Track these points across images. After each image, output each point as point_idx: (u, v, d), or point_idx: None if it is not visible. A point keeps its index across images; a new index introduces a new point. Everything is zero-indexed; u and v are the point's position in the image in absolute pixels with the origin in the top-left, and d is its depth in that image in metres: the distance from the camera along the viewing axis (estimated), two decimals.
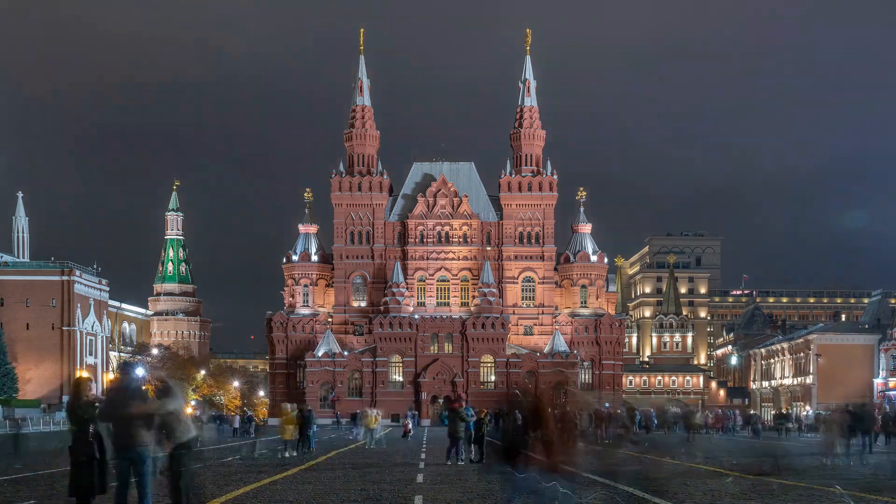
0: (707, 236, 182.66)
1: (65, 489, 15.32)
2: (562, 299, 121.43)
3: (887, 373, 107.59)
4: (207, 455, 33.22)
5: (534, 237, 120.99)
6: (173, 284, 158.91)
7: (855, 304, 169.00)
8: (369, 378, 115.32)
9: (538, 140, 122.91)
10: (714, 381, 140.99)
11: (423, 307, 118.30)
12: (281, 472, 24.99)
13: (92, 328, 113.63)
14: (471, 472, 24.51)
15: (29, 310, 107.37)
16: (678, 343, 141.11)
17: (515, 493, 12.64)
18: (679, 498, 17.69)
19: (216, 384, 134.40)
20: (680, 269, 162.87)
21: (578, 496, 14.47)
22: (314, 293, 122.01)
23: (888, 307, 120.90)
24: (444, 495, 18.33)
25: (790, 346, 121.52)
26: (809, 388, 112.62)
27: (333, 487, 20.37)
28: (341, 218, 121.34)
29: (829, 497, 18.05)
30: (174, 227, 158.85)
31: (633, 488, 18.93)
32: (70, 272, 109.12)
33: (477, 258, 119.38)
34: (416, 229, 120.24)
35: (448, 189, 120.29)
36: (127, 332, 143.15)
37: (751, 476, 23.10)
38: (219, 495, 18.68)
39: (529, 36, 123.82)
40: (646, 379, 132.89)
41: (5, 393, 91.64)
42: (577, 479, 14.07)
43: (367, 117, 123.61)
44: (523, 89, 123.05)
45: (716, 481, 21.78)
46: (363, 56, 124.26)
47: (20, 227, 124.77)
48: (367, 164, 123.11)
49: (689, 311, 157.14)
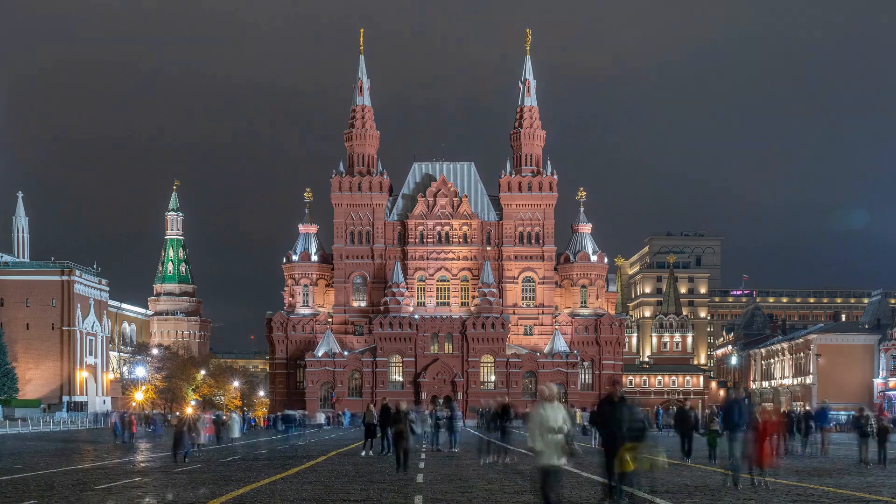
0: (707, 236, 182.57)
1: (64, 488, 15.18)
2: (562, 299, 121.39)
3: (887, 373, 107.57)
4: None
5: (534, 237, 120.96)
6: (173, 284, 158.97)
7: (855, 304, 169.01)
8: (369, 378, 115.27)
9: (538, 140, 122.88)
10: (714, 381, 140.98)
11: (423, 307, 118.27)
12: (281, 472, 24.99)
13: (92, 328, 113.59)
14: (471, 472, 24.50)
15: (29, 310, 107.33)
16: (678, 343, 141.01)
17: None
18: (679, 497, 17.69)
19: (216, 384, 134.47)
20: (680, 269, 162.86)
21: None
22: (314, 293, 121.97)
23: (888, 307, 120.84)
24: (445, 495, 18.32)
25: (790, 346, 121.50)
26: (809, 388, 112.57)
27: (334, 487, 20.36)
28: (341, 218, 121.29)
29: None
30: (174, 227, 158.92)
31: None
32: (70, 272, 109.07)
33: (477, 258, 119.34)
34: (416, 229, 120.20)
35: (448, 189, 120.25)
36: (127, 332, 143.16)
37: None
38: (219, 495, 18.67)
39: (529, 36, 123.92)
40: (646, 379, 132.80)
41: (5, 393, 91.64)
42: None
43: (367, 117, 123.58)
44: (523, 89, 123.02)
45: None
46: (363, 56, 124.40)
47: (20, 227, 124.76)
48: (367, 164, 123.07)
49: (689, 311, 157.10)
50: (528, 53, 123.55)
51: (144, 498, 18.52)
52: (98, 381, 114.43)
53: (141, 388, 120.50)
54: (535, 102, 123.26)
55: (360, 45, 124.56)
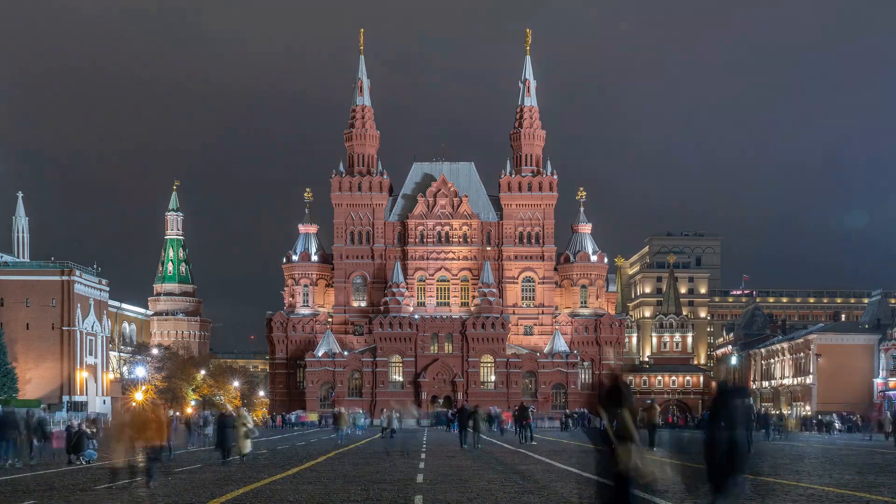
0: (707, 236, 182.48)
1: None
2: (562, 299, 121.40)
3: (887, 373, 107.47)
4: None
5: (534, 237, 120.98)
6: (173, 284, 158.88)
7: (855, 304, 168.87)
8: (369, 378, 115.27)
9: (538, 140, 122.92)
10: (714, 382, 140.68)
11: (423, 307, 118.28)
12: (281, 472, 24.99)
13: (92, 328, 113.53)
14: (471, 472, 24.52)
15: (29, 310, 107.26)
16: (678, 343, 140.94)
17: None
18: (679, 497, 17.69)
19: (216, 384, 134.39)
20: (680, 269, 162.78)
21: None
22: (314, 293, 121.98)
23: (888, 307, 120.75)
24: (445, 495, 18.32)
25: (790, 346, 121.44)
26: (809, 388, 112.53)
27: (334, 487, 20.36)
28: (341, 218, 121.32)
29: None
30: (174, 227, 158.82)
31: None
32: (70, 272, 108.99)
33: (477, 258, 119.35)
34: (416, 229, 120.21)
35: (448, 189, 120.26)
36: (127, 332, 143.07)
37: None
38: (219, 495, 18.67)
39: (529, 36, 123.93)
40: (646, 379, 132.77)
41: (5, 393, 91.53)
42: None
43: (367, 117, 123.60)
44: (523, 89, 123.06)
45: None
46: (363, 56, 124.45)
47: (20, 227, 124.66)
48: (367, 164, 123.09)
49: (689, 311, 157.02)
50: (528, 53, 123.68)
51: (144, 498, 18.52)
52: (98, 381, 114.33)
53: (141, 388, 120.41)
54: (535, 102, 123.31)
55: (360, 45, 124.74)
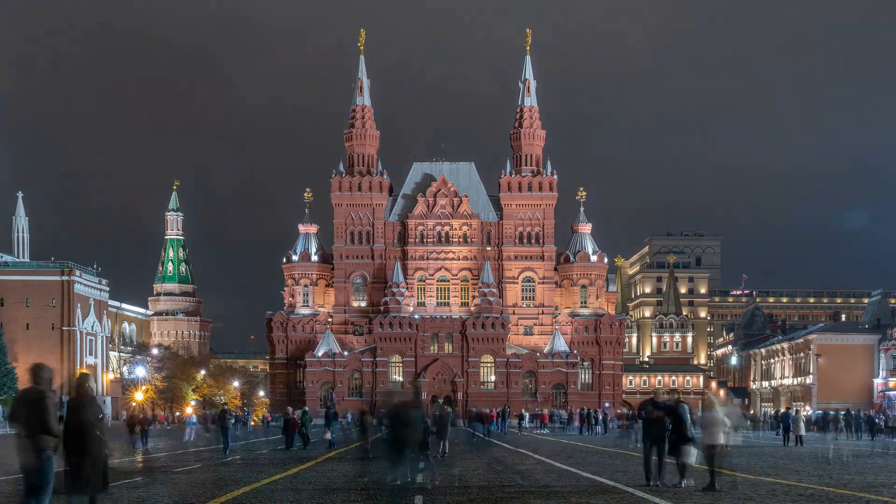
0: (707, 236, 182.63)
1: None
2: (562, 299, 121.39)
3: (887, 373, 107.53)
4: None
5: (534, 237, 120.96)
6: (173, 284, 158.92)
7: (855, 304, 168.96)
8: (369, 378, 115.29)
9: (538, 140, 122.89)
10: (714, 381, 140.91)
11: (423, 307, 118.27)
12: (281, 472, 24.98)
13: (92, 328, 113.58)
14: (471, 473, 24.50)
15: (29, 310, 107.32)
16: (678, 343, 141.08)
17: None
18: (679, 497, 17.68)
19: (216, 384, 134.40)
20: (680, 269, 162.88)
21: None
22: (314, 293, 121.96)
23: (888, 307, 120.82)
24: (445, 496, 18.31)
25: (790, 346, 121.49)
26: (809, 388, 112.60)
27: (334, 487, 20.35)
28: (341, 218, 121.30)
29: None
30: (174, 227, 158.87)
31: None
32: (70, 272, 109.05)
33: (477, 258, 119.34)
34: (416, 229, 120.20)
35: (448, 189, 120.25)
36: (127, 332, 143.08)
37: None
38: (219, 495, 18.66)
39: (529, 36, 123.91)
40: (646, 379, 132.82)
41: (5, 393, 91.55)
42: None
43: (367, 117, 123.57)
44: (523, 89, 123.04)
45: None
46: (363, 56, 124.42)
47: (20, 227, 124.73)
48: (367, 164, 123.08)
49: (689, 311, 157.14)
50: (528, 53, 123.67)
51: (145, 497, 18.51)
52: (98, 381, 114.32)
53: (141, 388, 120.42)
54: (535, 102, 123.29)
55: (361, 45, 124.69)
